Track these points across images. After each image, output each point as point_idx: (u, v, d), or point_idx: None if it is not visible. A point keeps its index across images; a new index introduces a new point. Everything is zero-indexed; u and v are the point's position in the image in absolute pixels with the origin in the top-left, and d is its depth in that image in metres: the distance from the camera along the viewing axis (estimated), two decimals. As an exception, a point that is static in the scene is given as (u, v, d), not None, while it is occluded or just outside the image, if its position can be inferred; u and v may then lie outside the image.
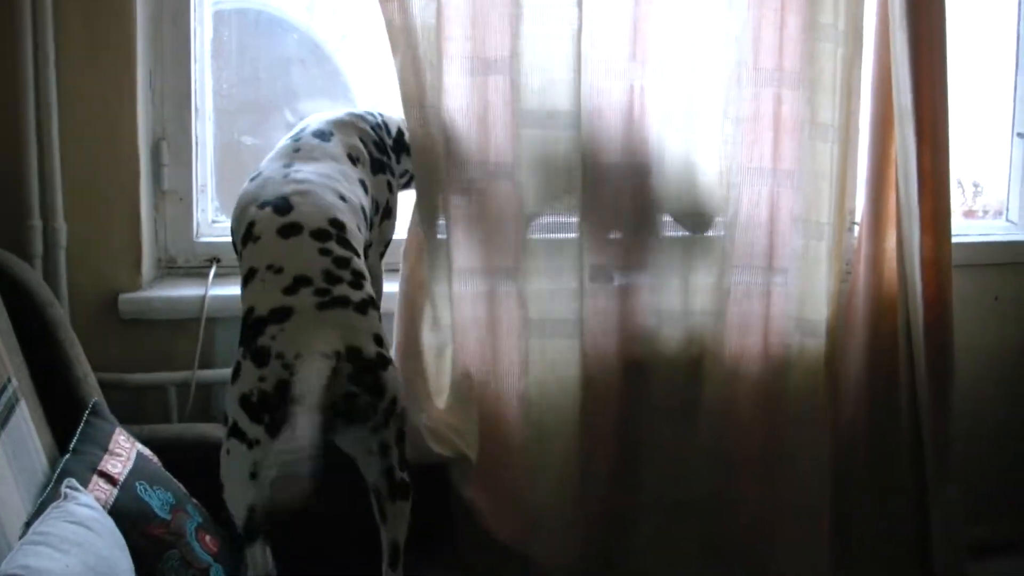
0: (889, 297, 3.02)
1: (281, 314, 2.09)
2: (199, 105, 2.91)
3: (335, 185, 2.35)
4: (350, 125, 2.57)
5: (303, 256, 2.18)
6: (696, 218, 2.87)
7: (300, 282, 2.13)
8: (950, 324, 2.97)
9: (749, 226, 2.86)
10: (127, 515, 2.13)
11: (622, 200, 2.79)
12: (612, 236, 2.80)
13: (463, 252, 2.70)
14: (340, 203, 2.32)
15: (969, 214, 3.60)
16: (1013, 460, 3.47)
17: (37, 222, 2.68)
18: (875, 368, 3.03)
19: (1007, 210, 3.53)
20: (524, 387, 2.76)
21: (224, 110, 2.99)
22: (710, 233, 2.87)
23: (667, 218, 2.84)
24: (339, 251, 2.21)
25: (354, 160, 2.49)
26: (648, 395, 2.87)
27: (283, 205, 2.26)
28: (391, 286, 2.71)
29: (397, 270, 2.73)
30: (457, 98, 2.63)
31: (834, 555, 3.02)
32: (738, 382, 2.90)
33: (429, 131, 2.63)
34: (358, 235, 2.31)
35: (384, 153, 2.61)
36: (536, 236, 2.75)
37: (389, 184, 2.59)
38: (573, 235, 2.76)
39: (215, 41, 2.95)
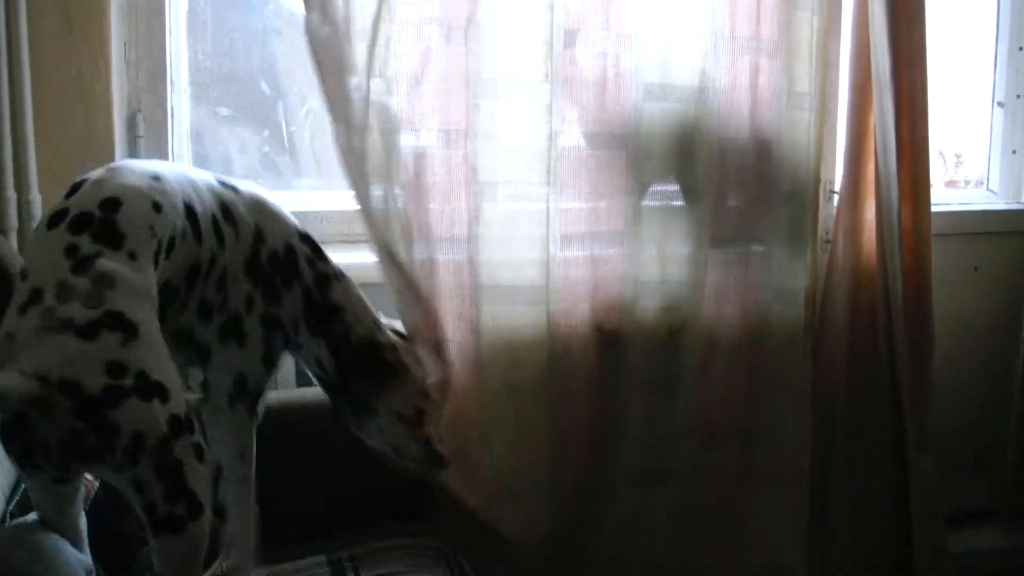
0: (868, 267, 3.03)
1: (8, 340, 1.76)
2: (174, 77, 2.87)
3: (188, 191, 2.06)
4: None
5: (47, 258, 1.86)
6: (674, 187, 2.86)
7: (33, 297, 1.78)
8: (929, 293, 2.99)
9: (727, 195, 2.86)
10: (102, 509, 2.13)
11: (596, 169, 2.78)
12: (584, 205, 2.78)
13: (413, 220, 2.64)
14: (159, 186, 1.99)
15: (951, 184, 3.59)
16: (991, 430, 3.49)
17: (11, 193, 2.65)
18: (854, 338, 3.04)
19: (988, 179, 3.53)
20: (478, 352, 2.74)
21: (200, 82, 2.96)
22: (689, 203, 2.86)
23: (649, 187, 2.83)
24: (87, 247, 1.84)
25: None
26: (624, 365, 2.85)
27: (82, 182, 1.97)
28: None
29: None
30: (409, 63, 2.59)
31: (812, 525, 3.02)
32: (716, 352, 2.90)
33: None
34: (154, 219, 1.95)
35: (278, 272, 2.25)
36: (493, 204, 2.71)
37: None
38: (541, 204, 2.74)
39: (190, 13, 2.92)
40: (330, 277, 2.30)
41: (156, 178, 2.00)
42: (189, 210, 2.03)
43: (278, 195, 2.79)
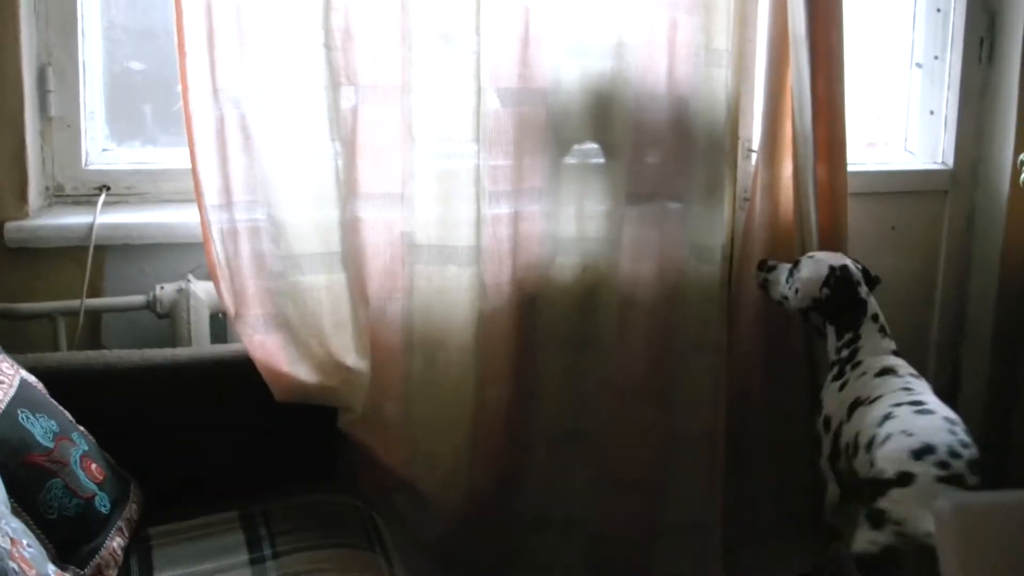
0: (786, 224, 3.05)
1: None
2: (86, 29, 2.82)
3: None
4: None
5: None
6: (593, 144, 2.85)
7: None
8: (845, 251, 2.99)
9: (645, 152, 2.85)
10: (6, 443, 2.09)
11: (518, 126, 2.75)
12: (509, 162, 2.75)
13: (350, 175, 2.64)
14: None
15: (871, 145, 3.60)
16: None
17: (-85, 148, 2.61)
18: (772, 295, 3.05)
19: (906, 140, 3.55)
20: (407, 313, 2.73)
21: (113, 36, 2.91)
22: (607, 159, 2.85)
23: (568, 144, 2.83)
24: None
25: None
26: (542, 324, 2.86)
27: None
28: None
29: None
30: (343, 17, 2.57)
31: (729, 481, 3.06)
32: (633, 310, 2.90)
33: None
34: None
35: None
36: (428, 160, 2.69)
37: None
38: (470, 162, 2.70)
39: (102, -37, 2.86)
40: None
41: None
42: None
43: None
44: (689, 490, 3.00)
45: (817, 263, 2.78)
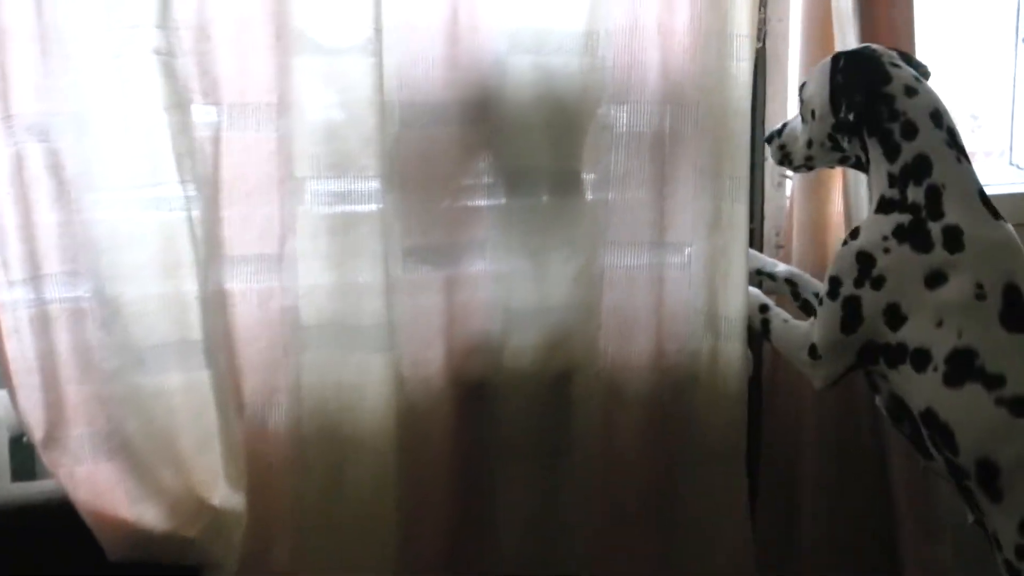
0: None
1: None
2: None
3: None
4: None
5: None
6: (555, 175, 2.31)
7: None
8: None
9: (630, 183, 2.35)
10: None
11: (446, 153, 2.25)
12: (433, 205, 2.26)
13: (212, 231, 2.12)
14: None
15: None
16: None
17: None
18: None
19: (1011, 150, 3.02)
20: (296, 420, 2.20)
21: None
22: (575, 195, 2.34)
23: (519, 175, 2.31)
24: None
25: None
26: (496, 427, 2.33)
27: None
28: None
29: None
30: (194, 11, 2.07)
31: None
32: (622, 405, 2.39)
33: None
34: None
35: None
36: (316, 208, 2.17)
37: None
38: (374, 206, 2.17)
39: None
40: None
41: None
42: None
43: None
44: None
45: (819, 65, 2.25)
